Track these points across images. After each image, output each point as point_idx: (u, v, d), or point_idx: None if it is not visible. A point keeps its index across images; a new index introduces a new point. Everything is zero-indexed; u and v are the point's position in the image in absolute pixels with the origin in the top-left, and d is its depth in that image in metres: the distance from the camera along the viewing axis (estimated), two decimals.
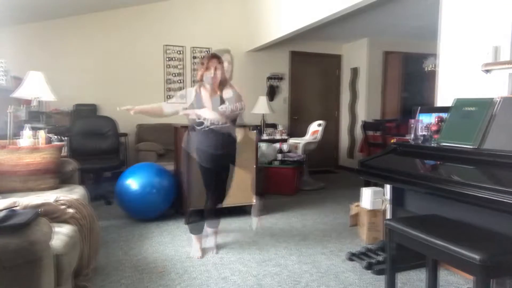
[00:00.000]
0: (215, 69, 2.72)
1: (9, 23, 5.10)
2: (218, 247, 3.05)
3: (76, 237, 2.03)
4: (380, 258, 2.72)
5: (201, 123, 2.75)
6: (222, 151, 2.80)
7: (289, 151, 5.38)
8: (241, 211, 4.05)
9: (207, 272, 2.60)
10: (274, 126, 6.07)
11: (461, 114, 2.18)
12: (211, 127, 2.74)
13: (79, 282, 2.12)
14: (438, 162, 2.17)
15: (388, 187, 2.94)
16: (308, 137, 5.82)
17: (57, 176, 2.99)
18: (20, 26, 5.22)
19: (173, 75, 6.12)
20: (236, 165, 3.01)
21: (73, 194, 2.64)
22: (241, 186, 3.73)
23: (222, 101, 2.76)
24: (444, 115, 2.35)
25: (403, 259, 2.50)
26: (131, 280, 2.47)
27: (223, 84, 2.81)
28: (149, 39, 5.91)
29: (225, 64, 2.78)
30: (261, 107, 5.70)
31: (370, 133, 5.25)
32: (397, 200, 2.56)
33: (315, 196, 4.93)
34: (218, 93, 2.79)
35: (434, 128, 2.33)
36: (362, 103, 6.87)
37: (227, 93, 2.80)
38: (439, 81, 2.94)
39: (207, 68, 2.73)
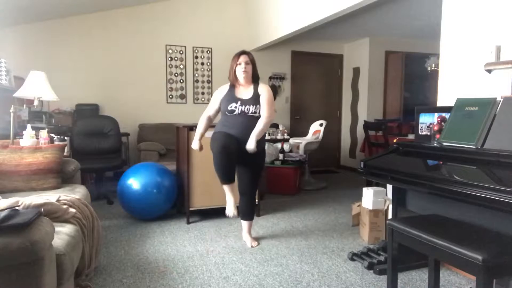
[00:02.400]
0: (246, 63, 2.93)
1: (11, 23, 5.11)
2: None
3: (77, 236, 2.04)
4: (381, 258, 2.72)
5: (232, 110, 2.89)
6: (241, 136, 2.84)
7: (290, 151, 5.38)
8: None
9: (208, 271, 2.60)
10: (275, 126, 6.06)
11: (463, 114, 2.18)
12: (241, 113, 2.88)
13: (80, 282, 2.13)
14: (440, 162, 2.16)
15: (389, 187, 2.93)
16: (309, 137, 5.82)
17: (59, 175, 2.99)
18: (22, 26, 5.23)
19: (175, 75, 6.12)
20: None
21: (75, 193, 2.64)
22: None
23: (257, 94, 2.93)
24: (446, 115, 2.35)
25: (405, 259, 2.50)
26: (133, 279, 2.47)
27: (255, 79, 3.00)
28: (150, 39, 5.92)
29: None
30: None
31: (372, 133, 5.24)
32: (399, 200, 2.55)
33: (317, 196, 4.92)
34: (252, 86, 2.97)
35: (436, 128, 2.33)
36: (363, 102, 6.86)
37: (261, 89, 2.97)
38: (441, 80, 2.93)
39: (238, 64, 2.92)
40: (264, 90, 2.94)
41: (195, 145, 3.03)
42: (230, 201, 2.95)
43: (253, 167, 3.04)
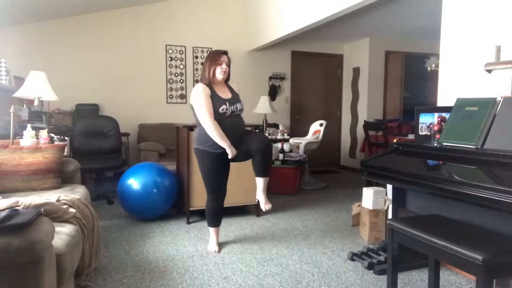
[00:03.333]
0: (226, 64, 2.83)
1: (11, 23, 5.11)
2: (222, 244, 3.06)
3: (77, 236, 2.04)
4: (381, 258, 2.72)
5: (224, 113, 2.75)
6: (238, 137, 2.84)
7: (290, 151, 5.38)
8: (242, 211, 4.06)
9: (208, 271, 2.60)
10: (275, 126, 6.07)
11: (463, 114, 2.18)
12: (231, 114, 2.80)
13: (80, 282, 2.13)
14: (440, 162, 2.16)
15: (389, 187, 2.93)
16: (309, 137, 5.82)
17: (59, 175, 2.99)
18: (22, 26, 5.23)
19: (175, 75, 6.12)
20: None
21: (75, 193, 2.64)
22: (241, 186, 3.74)
23: (234, 92, 2.92)
24: (446, 114, 2.35)
25: (405, 259, 2.50)
26: (133, 279, 2.47)
27: (228, 78, 2.94)
28: (150, 39, 5.92)
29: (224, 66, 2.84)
30: (262, 106, 5.70)
31: (372, 133, 5.24)
32: (399, 200, 2.55)
33: (317, 196, 4.92)
34: (224, 85, 2.91)
35: (436, 128, 2.33)
36: (363, 102, 6.86)
37: (236, 87, 2.97)
38: (441, 80, 2.93)
39: (219, 64, 2.80)
40: (238, 87, 2.99)
41: (233, 150, 2.75)
42: (213, 239, 3.04)
43: (249, 134, 2.92)
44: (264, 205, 2.90)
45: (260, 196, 2.91)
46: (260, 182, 2.88)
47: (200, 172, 2.93)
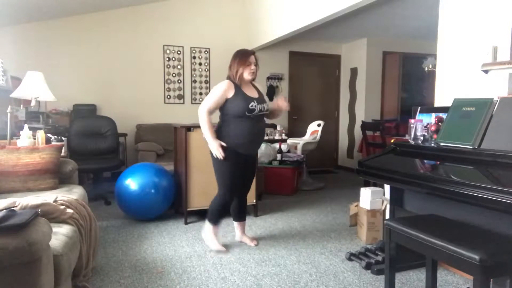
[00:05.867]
0: (255, 64, 2.83)
1: (8, 23, 5.09)
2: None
3: (75, 237, 2.03)
4: (379, 258, 2.73)
5: (253, 110, 2.75)
6: (258, 142, 2.94)
7: (288, 151, 5.38)
8: None
9: (206, 272, 2.60)
10: (273, 126, 6.07)
11: (460, 114, 2.19)
12: (260, 113, 2.82)
13: (78, 282, 2.12)
14: (437, 162, 2.17)
15: (387, 187, 2.94)
16: (307, 137, 5.83)
17: (56, 176, 2.98)
18: (19, 26, 5.21)
19: (173, 75, 6.11)
20: None
21: (72, 194, 2.64)
22: None
23: (261, 93, 2.92)
24: (443, 115, 2.36)
25: (402, 259, 2.51)
26: (130, 280, 2.47)
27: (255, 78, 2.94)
28: (148, 39, 5.91)
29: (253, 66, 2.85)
30: None
31: (370, 133, 5.25)
32: (396, 200, 2.56)
33: (314, 196, 4.93)
34: (250, 85, 2.90)
35: (433, 128, 2.34)
36: (361, 103, 6.87)
37: (260, 87, 2.98)
38: (438, 81, 2.94)
39: (248, 64, 2.79)
40: (263, 89, 3.02)
41: (219, 150, 2.73)
42: (217, 239, 3.01)
43: (254, 169, 3.12)
44: (251, 243, 3.11)
45: (242, 238, 3.16)
46: (237, 226, 3.17)
47: (215, 169, 2.87)
